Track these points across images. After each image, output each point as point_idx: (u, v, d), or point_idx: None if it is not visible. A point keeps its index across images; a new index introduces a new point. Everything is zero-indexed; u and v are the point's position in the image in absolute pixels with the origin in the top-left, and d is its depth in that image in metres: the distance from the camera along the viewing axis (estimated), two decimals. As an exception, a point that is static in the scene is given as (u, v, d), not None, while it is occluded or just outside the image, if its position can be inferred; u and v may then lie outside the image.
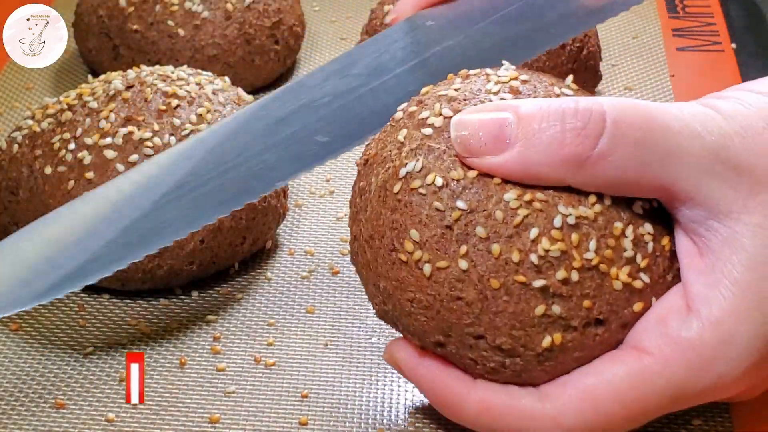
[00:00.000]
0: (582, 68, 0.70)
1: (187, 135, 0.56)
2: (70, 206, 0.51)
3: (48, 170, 0.56)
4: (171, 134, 0.56)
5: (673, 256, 0.44)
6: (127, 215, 0.49)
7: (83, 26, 0.75)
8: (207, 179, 0.50)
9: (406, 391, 0.51)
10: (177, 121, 0.57)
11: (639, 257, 0.43)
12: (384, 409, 0.50)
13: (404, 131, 0.45)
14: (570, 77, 0.48)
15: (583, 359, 0.43)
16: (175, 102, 0.58)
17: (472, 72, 0.47)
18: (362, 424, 0.49)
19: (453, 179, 0.43)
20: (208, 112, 0.58)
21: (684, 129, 0.41)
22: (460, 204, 0.42)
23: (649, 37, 0.83)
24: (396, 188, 0.44)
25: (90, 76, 0.63)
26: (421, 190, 0.43)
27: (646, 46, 0.81)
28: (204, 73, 0.62)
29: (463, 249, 0.42)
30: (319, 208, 0.64)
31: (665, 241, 0.44)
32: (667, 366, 0.41)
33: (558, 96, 0.45)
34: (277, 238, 0.61)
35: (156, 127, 0.56)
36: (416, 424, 0.49)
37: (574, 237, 0.42)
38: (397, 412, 0.50)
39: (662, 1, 0.87)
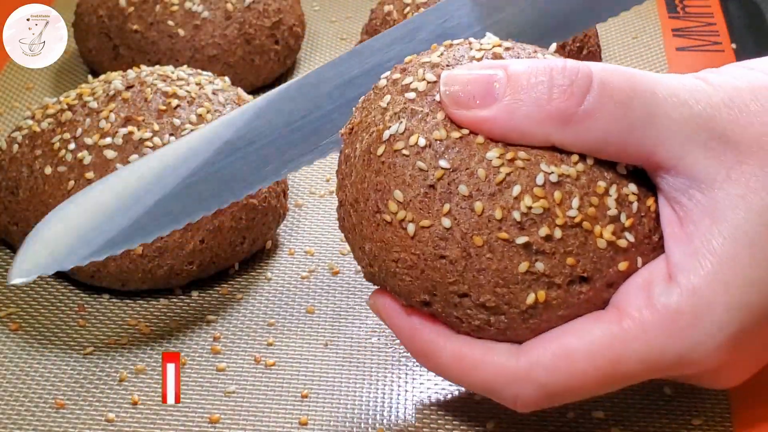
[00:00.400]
0: (582, 68, 0.70)
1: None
2: (117, 175, 0.52)
3: (48, 170, 0.56)
4: (171, 134, 0.56)
5: (659, 218, 0.44)
6: (170, 183, 0.50)
7: (83, 26, 0.75)
8: (273, 137, 0.51)
9: (406, 391, 0.51)
10: (177, 121, 0.57)
11: (623, 216, 0.43)
12: (384, 409, 0.50)
13: (388, 97, 0.45)
14: (553, 45, 0.48)
15: (568, 317, 0.43)
16: (175, 102, 0.58)
17: (455, 41, 0.48)
18: (362, 424, 0.49)
19: (436, 139, 0.43)
20: (208, 112, 0.58)
21: (671, 96, 0.41)
22: (443, 163, 0.43)
23: (649, 37, 0.83)
24: (380, 151, 0.44)
25: (90, 76, 0.63)
26: (405, 151, 0.43)
27: (646, 46, 0.81)
28: (204, 73, 0.62)
29: (446, 207, 0.42)
30: (319, 208, 0.64)
31: (650, 201, 0.44)
32: (644, 330, 0.41)
33: None
34: (277, 238, 0.61)
35: (156, 127, 0.56)
36: (416, 424, 0.49)
37: (557, 194, 0.42)
38: (397, 412, 0.50)
39: (662, 1, 0.87)
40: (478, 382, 0.44)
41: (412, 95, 0.45)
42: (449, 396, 0.50)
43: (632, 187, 0.44)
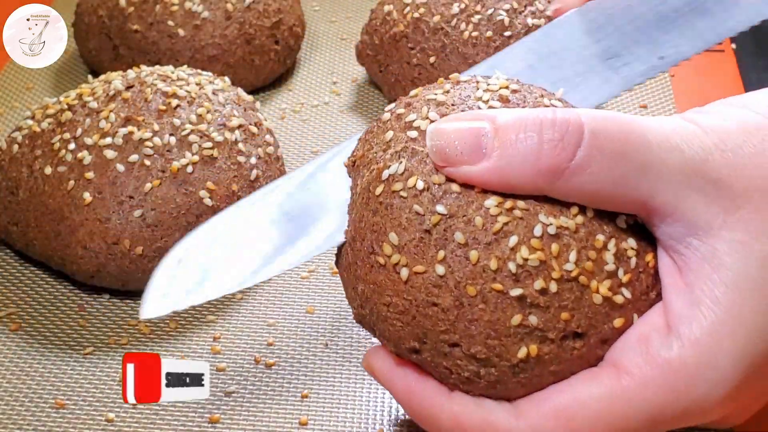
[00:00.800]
0: (582, 68, 0.70)
1: (187, 135, 0.56)
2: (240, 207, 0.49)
3: (48, 170, 0.56)
4: (171, 134, 0.56)
5: (657, 273, 0.43)
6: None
7: (83, 26, 0.75)
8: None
9: (406, 391, 0.51)
10: (177, 121, 0.57)
11: (621, 272, 0.42)
12: (384, 409, 0.50)
13: (390, 133, 0.45)
14: (561, 90, 0.47)
15: (560, 373, 0.42)
16: (175, 102, 0.58)
17: (462, 77, 0.47)
18: (362, 424, 0.49)
19: (434, 183, 0.42)
20: (208, 112, 0.58)
21: (663, 142, 0.40)
22: (440, 208, 0.42)
23: (649, 37, 0.83)
24: (378, 191, 0.43)
25: (90, 76, 0.63)
26: (402, 193, 0.43)
27: (646, 46, 0.81)
28: (204, 73, 0.62)
29: (441, 254, 0.41)
30: (319, 208, 0.64)
31: (649, 257, 0.43)
32: (645, 387, 0.40)
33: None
34: (277, 238, 0.61)
35: (156, 127, 0.56)
36: (416, 425, 0.49)
37: (554, 247, 0.41)
38: (397, 412, 0.50)
39: (662, 1, 0.87)
40: None
41: (414, 134, 0.44)
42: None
43: (631, 242, 0.43)
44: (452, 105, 0.45)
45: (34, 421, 0.49)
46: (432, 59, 0.68)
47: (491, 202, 0.42)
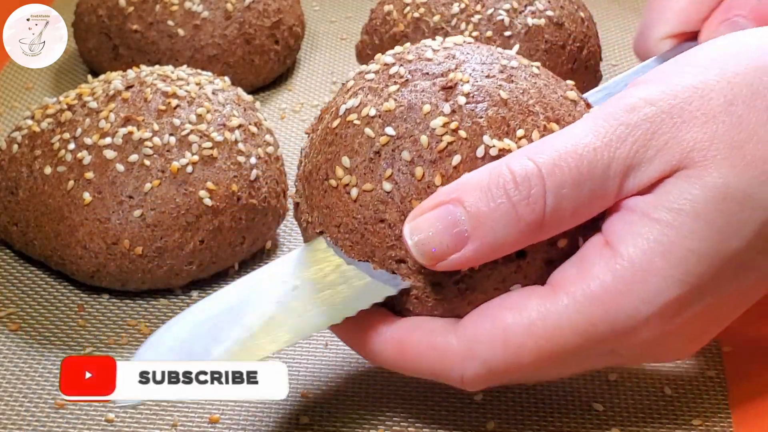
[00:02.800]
0: (582, 68, 0.70)
1: (187, 135, 0.56)
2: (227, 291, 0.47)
3: (48, 170, 0.56)
4: (171, 134, 0.56)
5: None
6: None
7: (83, 26, 0.75)
8: None
9: (406, 391, 0.51)
10: (177, 121, 0.57)
11: None
12: (384, 409, 0.50)
13: (351, 81, 0.48)
14: (516, 46, 0.50)
15: (504, 291, 0.43)
16: (174, 102, 0.58)
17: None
18: (362, 424, 0.49)
19: (385, 110, 0.45)
20: (207, 112, 0.58)
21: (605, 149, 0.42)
22: (389, 130, 0.44)
23: (649, 37, 0.82)
24: (335, 123, 0.46)
25: (90, 76, 0.63)
26: (356, 122, 0.45)
27: (646, 46, 0.81)
28: (204, 73, 0.62)
29: (389, 172, 0.44)
30: (319, 208, 0.64)
31: None
32: (577, 301, 0.42)
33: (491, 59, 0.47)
34: (277, 238, 0.61)
35: (156, 127, 0.56)
36: (416, 425, 0.49)
37: None
38: (397, 412, 0.50)
39: (662, 1, 0.87)
40: (425, 371, 0.44)
41: (371, 76, 0.47)
42: (449, 396, 0.50)
43: None
44: (408, 52, 0.47)
45: (33, 421, 0.49)
46: (432, 59, 0.68)
47: (437, 122, 0.44)
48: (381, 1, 0.73)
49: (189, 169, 0.56)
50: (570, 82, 0.48)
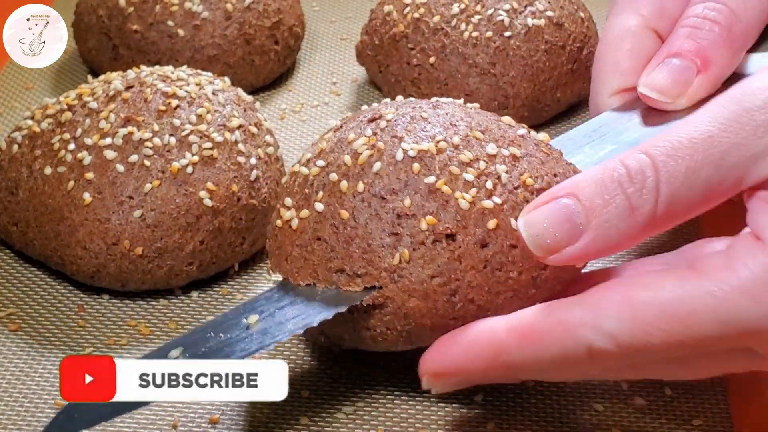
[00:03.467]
0: (582, 68, 0.70)
1: (188, 135, 0.56)
2: None
3: (48, 170, 0.56)
4: (171, 134, 0.56)
5: (541, 190, 0.46)
6: None
7: (83, 26, 0.75)
8: None
9: (406, 390, 0.51)
10: (177, 122, 0.57)
11: (489, 183, 0.46)
12: (384, 409, 0.50)
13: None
14: (507, 117, 0.50)
15: (438, 272, 0.45)
16: (174, 102, 0.58)
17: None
18: (362, 425, 0.49)
19: (319, 150, 0.50)
20: (207, 112, 0.58)
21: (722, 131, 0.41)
22: (320, 163, 0.49)
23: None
24: (283, 180, 0.51)
25: (90, 76, 0.63)
26: (295, 169, 0.50)
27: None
28: (204, 73, 0.62)
29: (320, 195, 0.48)
30: (319, 209, 0.64)
31: (525, 177, 0.46)
32: (723, 290, 0.40)
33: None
34: (277, 239, 0.61)
35: (156, 127, 0.56)
36: (416, 425, 0.49)
37: (416, 167, 0.46)
38: (397, 412, 0.50)
39: (662, 1, 0.87)
40: (554, 346, 0.42)
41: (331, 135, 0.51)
42: (450, 396, 0.50)
43: (501, 168, 0.47)
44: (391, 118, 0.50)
45: (33, 421, 0.49)
46: (432, 59, 0.68)
47: (359, 142, 0.48)
48: (381, 1, 0.73)
49: (189, 169, 0.56)
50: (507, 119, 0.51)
